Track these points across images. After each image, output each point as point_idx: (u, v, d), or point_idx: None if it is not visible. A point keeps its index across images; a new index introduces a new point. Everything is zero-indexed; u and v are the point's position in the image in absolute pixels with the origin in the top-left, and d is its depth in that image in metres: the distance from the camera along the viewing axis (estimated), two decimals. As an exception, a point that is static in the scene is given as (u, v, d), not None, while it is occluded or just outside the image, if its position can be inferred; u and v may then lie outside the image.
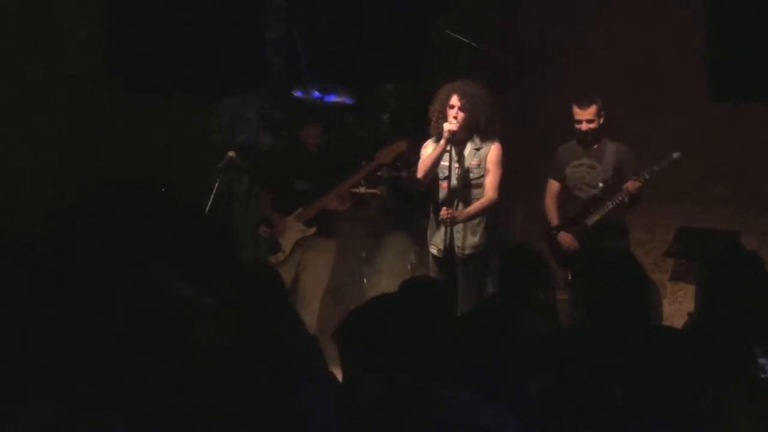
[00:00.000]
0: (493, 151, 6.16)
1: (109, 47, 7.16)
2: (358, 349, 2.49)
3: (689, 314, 5.96)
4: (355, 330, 2.55)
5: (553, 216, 6.63)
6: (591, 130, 6.41)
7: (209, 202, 6.25)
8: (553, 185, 6.65)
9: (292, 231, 6.73)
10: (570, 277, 6.39)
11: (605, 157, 6.40)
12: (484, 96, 6.16)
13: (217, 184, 6.39)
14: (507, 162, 6.20)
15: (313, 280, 6.81)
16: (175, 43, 7.16)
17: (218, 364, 2.86)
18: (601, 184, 6.38)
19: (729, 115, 7.22)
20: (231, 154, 6.55)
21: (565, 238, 6.53)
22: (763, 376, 3.19)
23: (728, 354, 3.10)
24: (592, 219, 6.40)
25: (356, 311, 2.69)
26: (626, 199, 6.29)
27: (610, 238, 6.30)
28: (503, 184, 6.20)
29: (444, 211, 6.04)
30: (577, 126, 6.46)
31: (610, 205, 6.33)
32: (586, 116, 6.39)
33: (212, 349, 2.88)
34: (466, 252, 6.15)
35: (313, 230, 6.74)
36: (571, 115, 6.48)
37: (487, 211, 6.16)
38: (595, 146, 6.46)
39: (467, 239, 6.16)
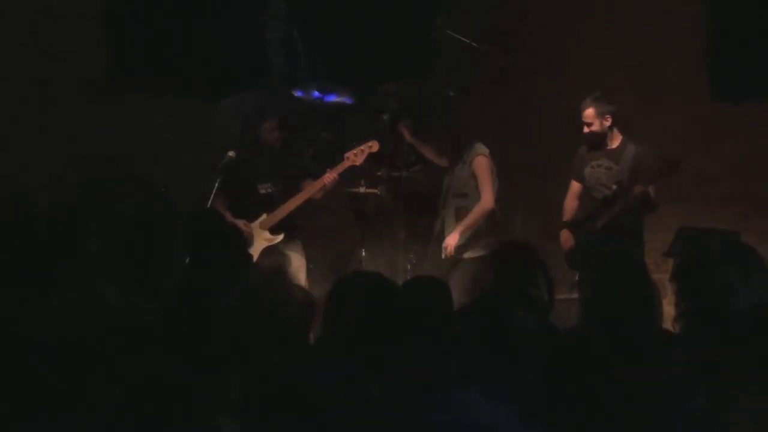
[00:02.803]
0: None
1: (109, 47, 7.15)
2: (361, 348, 2.49)
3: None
4: (357, 330, 2.54)
5: (566, 214, 6.63)
6: (591, 133, 6.40)
7: (209, 202, 6.24)
8: (574, 185, 6.65)
9: (259, 240, 6.46)
10: (577, 278, 6.37)
11: (623, 159, 6.37)
12: None
13: (217, 184, 6.37)
14: None
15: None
16: (176, 43, 7.16)
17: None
18: (614, 186, 6.36)
19: (729, 115, 7.22)
20: (231, 154, 6.51)
21: (563, 236, 6.53)
22: None
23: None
24: (602, 220, 6.37)
25: (358, 312, 2.68)
26: (635, 203, 6.26)
27: (620, 241, 6.27)
28: None
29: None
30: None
31: (618, 207, 6.32)
32: (584, 119, 6.40)
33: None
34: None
35: (280, 237, 6.49)
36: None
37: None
38: (614, 147, 6.42)
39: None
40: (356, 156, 6.58)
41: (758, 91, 6.93)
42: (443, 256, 6.54)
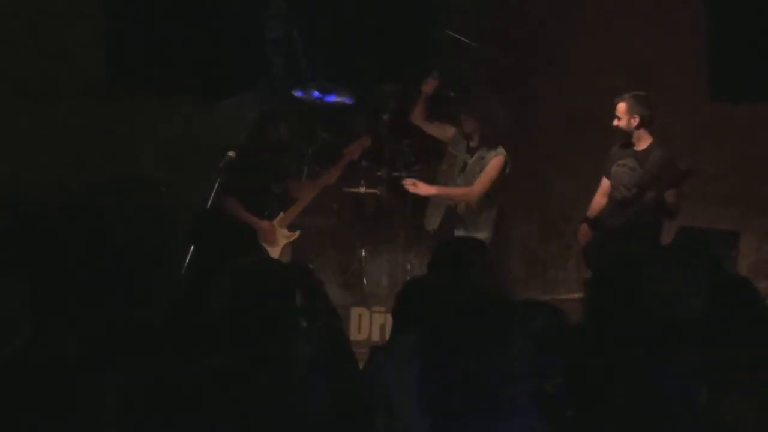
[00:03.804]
0: None
1: (109, 47, 7.15)
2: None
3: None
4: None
5: (592, 210, 6.56)
6: (618, 128, 6.34)
7: (209, 202, 6.25)
8: (604, 182, 6.57)
9: (280, 237, 6.65)
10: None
11: (649, 162, 6.30)
12: None
13: (217, 184, 6.37)
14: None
15: None
16: (176, 42, 7.16)
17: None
18: (633, 190, 6.31)
19: (729, 115, 7.22)
20: (231, 154, 6.52)
21: (582, 230, 6.51)
22: None
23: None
24: (616, 221, 6.35)
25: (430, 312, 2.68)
26: (648, 207, 6.21)
27: (633, 244, 6.21)
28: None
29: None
30: None
31: (630, 210, 6.28)
32: (616, 112, 6.34)
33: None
34: None
35: (297, 233, 6.68)
36: None
37: None
38: (642, 149, 6.35)
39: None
40: (353, 151, 6.85)
41: (758, 91, 6.92)
42: (405, 185, 6.74)
